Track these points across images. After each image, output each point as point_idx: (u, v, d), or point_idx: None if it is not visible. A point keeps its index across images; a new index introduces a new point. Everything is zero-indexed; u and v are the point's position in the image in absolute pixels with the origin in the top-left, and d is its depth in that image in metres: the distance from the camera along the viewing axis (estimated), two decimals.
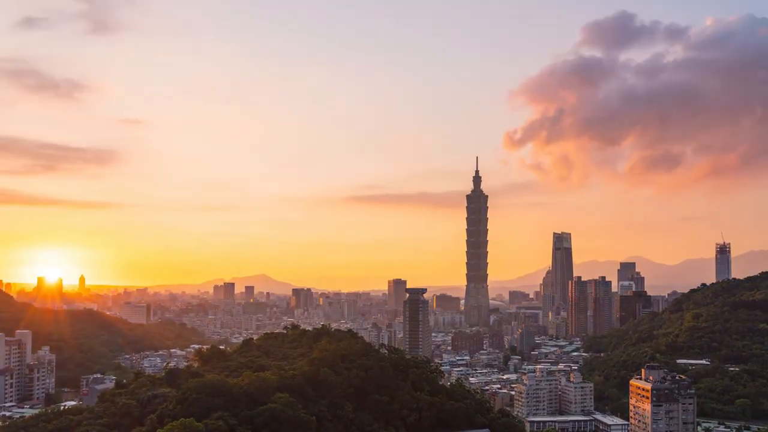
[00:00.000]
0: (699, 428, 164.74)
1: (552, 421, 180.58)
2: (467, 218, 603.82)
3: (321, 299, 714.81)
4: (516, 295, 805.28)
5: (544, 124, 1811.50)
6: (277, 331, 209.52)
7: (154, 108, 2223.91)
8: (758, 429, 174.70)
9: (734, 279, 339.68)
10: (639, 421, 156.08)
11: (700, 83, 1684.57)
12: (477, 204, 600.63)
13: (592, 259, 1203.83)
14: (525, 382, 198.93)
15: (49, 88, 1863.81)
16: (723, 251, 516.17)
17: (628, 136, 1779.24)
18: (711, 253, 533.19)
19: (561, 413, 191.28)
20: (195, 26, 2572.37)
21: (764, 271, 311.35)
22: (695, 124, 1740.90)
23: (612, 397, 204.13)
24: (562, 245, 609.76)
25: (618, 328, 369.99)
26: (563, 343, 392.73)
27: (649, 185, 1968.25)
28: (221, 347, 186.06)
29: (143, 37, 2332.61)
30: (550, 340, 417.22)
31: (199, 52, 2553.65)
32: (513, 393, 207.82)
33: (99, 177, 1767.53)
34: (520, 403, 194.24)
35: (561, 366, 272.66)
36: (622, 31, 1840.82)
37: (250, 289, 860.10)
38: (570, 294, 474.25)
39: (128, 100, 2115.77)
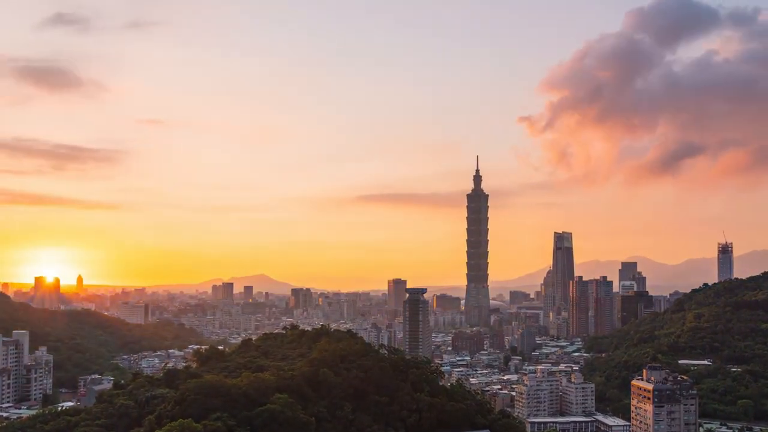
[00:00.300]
0: (701, 429, 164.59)
1: (553, 422, 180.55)
2: (467, 218, 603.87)
3: (320, 299, 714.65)
4: (517, 295, 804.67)
5: (563, 112, 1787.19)
6: (276, 331, 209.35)
7: (173, 108, 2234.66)
8: (760, 430, 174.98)
9: (736, 279, 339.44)
10: (640, 422, 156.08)
11: (753, 76, 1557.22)
12: (477, 203, 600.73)
13: (594, 259, 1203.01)
14: (526, 382, 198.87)
15: (72, 86, 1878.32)
16: (725, 251, 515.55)
17: (653, 129, 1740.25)
18: (713, 253, 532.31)
19: (562, 414, 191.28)
20: (217, 27, 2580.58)
21: (767, 270, 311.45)
22: (733, 120, 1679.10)
23: (613, 398, 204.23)
24: (562, 245, 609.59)
25: (619, 329, 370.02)
26: (564, 344, 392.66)
27: (651, 185, 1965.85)
28: (220, 348, 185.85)
29: (172, 35, 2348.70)
30: (551, 340, 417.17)
31: (217, 52, 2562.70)
32: (514, 394, 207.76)
33: (106, 177, 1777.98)
34: (520, 403, 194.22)
35: (562, 366, 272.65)
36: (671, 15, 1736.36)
37: (249, 289, 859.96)
38: (571, 294, 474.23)
39: (150, 99, 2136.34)
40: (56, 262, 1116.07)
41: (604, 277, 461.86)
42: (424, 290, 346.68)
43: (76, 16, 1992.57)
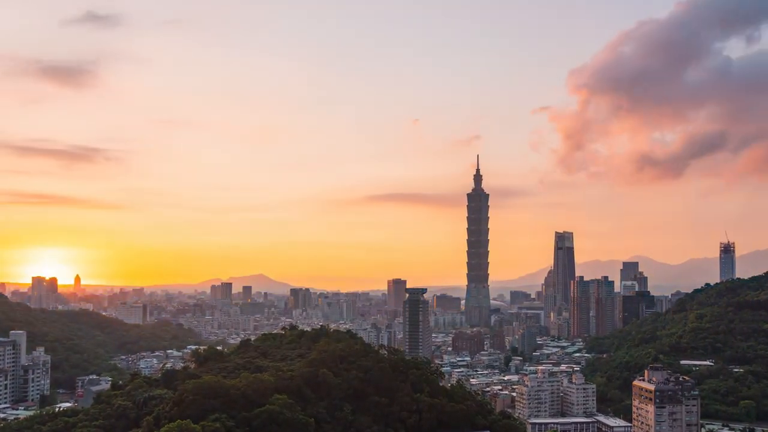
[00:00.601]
0: (703, 430, 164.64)
1: (554, 423, 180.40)
2: (468, 217, 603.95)
3: (320, 299, 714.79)
4: (517, 295, 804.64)
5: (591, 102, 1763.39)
6: (275, 331, 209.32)
7: (175, 108, 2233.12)
8: (763, 431, 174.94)
9: (738, 279, 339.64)
10: (642, 423, 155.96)
11: None
12: (478, 203, 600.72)
13: (595, 259, 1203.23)
14: (526, 383, 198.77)
15: (90, 85, 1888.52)
16: (727, 251, 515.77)
17: (683, 122, 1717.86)
18: (715, 253, 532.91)
19: (563, 415, 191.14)
20: (218, 26, 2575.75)
21: None
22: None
23: (615, 399, 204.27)
24: (563, 244, 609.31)
25: (621, 329, 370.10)
26: (565, 344, 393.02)
27: (655, 183, 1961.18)
28: (218, 348, 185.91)
29: (177, 35, 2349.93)
30: (552, 340, 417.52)
31: (218, 52, 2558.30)
32: (514, 394, 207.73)
33: (109, 177, 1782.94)
34: (521, 404, 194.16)
35: (563, 367, 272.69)
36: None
37: (247, 289, 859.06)
38: (572, 294, 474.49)
39: (154, 99, 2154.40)
40: (54, 261, 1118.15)
41: (606, 277, 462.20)
42: (424, 290, 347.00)
43: (106, 13, 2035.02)
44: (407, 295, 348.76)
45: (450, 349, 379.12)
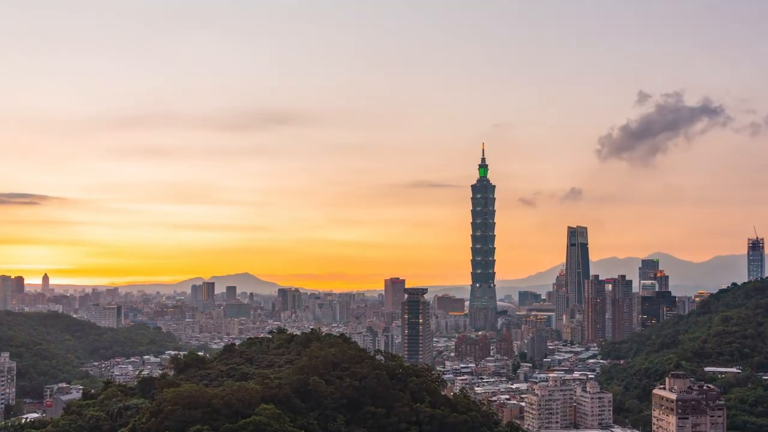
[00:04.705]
0: None
1: None
2: (472, 210, 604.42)
3: (310, 300, 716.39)
4: (526, 296, 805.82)
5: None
6: (261, 335, 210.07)
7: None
8: None
9: None
10: None
11: None
12: (483, 194, 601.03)
13: (611, 256, 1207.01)
14: (536, 392, 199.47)
15: None
16: (756, 247, 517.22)
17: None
18: (742, 250, 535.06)
19: (576, 427, 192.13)
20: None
21: None
22: None
23: (633, 409, 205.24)
24: (577, 240, 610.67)
25: (639, 333, 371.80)
26: (578, 349, 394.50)
27: (674, 169, 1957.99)
28: (200, 353, 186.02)
29: None
30: (563, 345, 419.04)
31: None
32: (523, 404, 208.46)
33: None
34: (530, 415, 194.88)
35: (576, 374, 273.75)
36: None
37: (231, 290, 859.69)
38: (586, 295, 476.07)
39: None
40: (20, 259, 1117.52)
41: (623, 276, 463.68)
42: (424, 290, 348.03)
43: None
44: (406, 295, 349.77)
45: (453, 354, 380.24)
